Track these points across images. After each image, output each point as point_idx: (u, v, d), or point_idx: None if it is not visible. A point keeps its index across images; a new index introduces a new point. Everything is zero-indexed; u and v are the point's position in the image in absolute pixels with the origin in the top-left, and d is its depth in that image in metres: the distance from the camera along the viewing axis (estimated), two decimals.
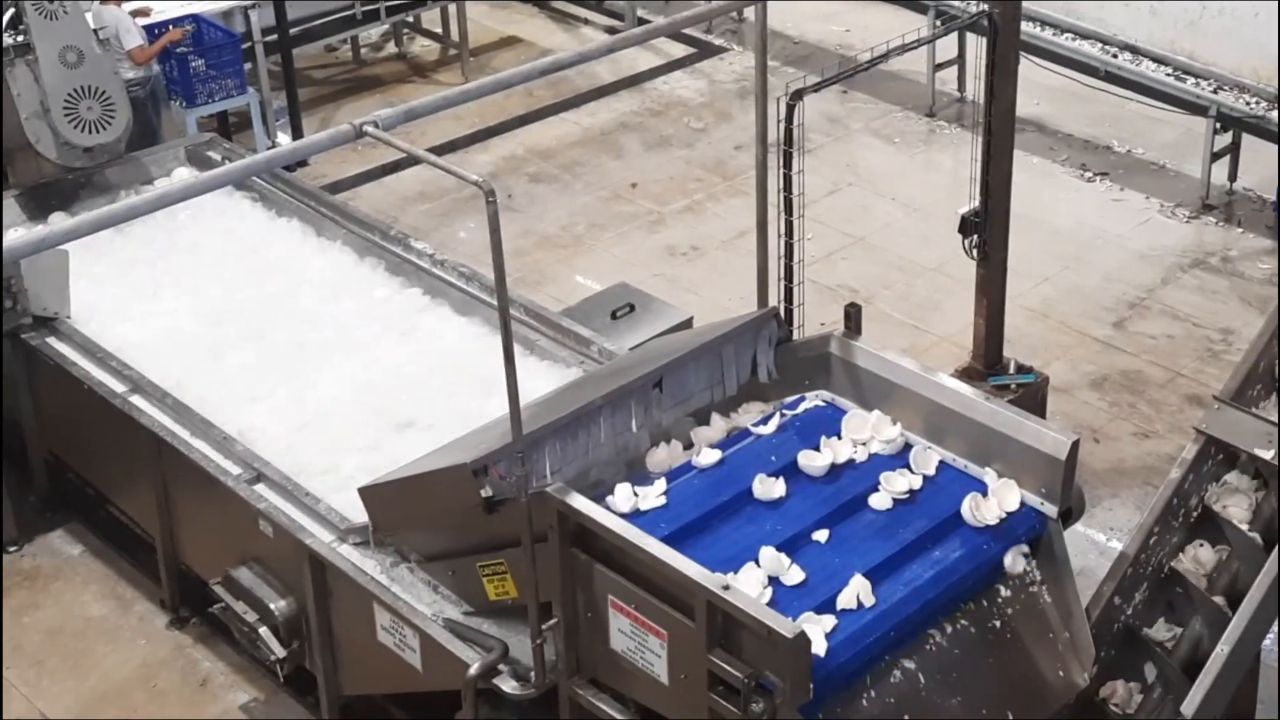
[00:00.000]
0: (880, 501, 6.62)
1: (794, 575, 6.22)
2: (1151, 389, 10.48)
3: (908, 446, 6.88)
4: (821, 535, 6.45)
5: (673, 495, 6.59)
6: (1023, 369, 9.58)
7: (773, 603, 6.04)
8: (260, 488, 7.78)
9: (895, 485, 6.65)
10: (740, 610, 5.75)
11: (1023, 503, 6.61)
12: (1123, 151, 13.18)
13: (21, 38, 9.76)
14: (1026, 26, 12.32)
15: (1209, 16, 12.66)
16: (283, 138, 13.20)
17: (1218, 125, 12.13)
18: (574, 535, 6.29)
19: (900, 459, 6.83)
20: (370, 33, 15.04)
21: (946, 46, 13.35)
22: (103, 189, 10.24)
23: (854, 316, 7.37)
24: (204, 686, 8.50)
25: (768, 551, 6.25)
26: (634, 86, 14.55)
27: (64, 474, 9.60)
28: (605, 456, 6.78)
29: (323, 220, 9.87)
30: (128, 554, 9.29)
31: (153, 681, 8.55)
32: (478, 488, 6.40)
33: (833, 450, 6.81)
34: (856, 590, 6.18)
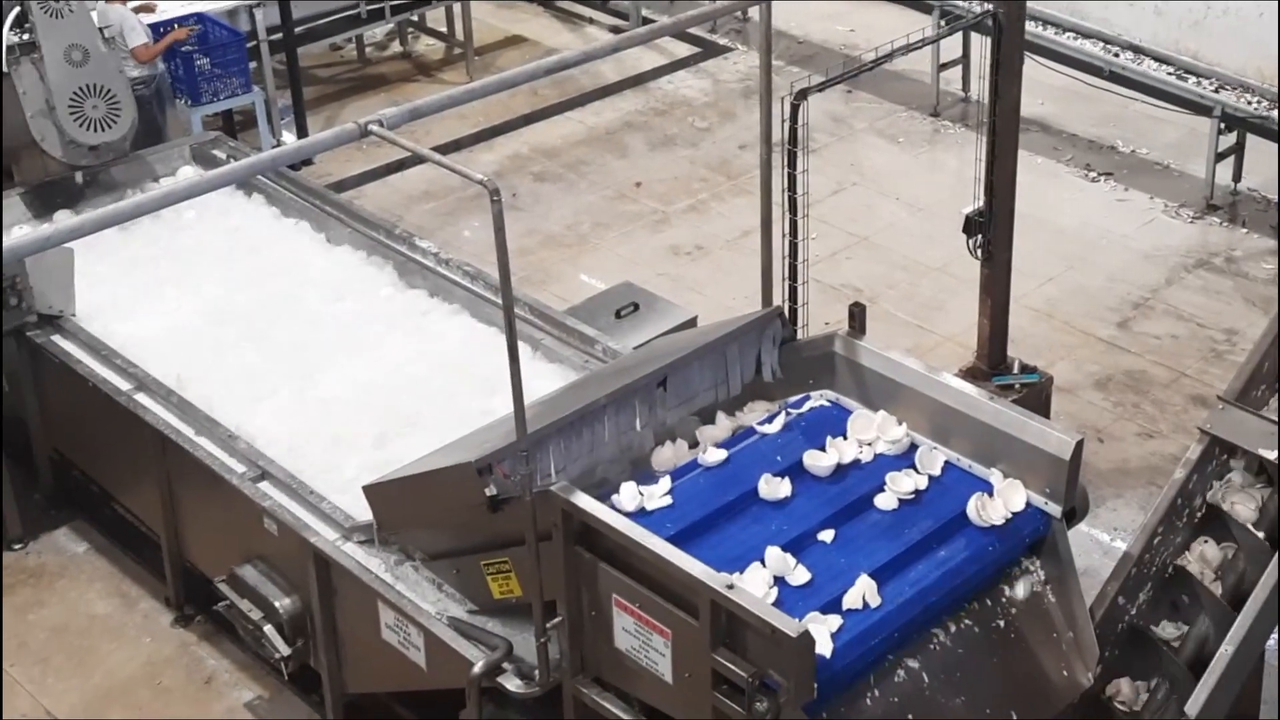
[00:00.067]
0: (886, 502, 6.61)
1: (800, 575, 6.22)
2: (1156, 389, 10.47)
3: (913, 447, 6.87)
4: (827, 535, 6.45)
5: (678, 494, 6.59)
6: (1027, 369, 9.57)
7: (778, 603, 6.03)
8: (265, 486, 7.78)
9: (901, 486, 6.65)
10: (744, 609, 5.75)
11: (1027, 503, 6.62)
12: (1127, 151, 13.17)
13: (27, 36, 9.77)
14: (1031, 26, 12.34)
15: (1213, 16, 12.66)
16: (288, 136, 13.20)
17: (1222, 125, 12.12)
18: (578, 534, 6.29)
19: (906, 459, 6.82)
20: (375, 32, 15.04)
21: (951, 46, 13.35)
22: (108, 187, 10.26)
23: (858, 316, 7.38)
24: (209, 684, 8.51)
25: (773, 552, 6.25)
26: (639, 86, 14.56)
27: (69, 472, 9.61)
28: (609, 455, 6.78)
29: (327, 219, 9.88)
30: (132, 552, 9.30)
31: (157, 679, 8.55)
32: (482, 486, 6.40)
33: (838, 450, 6.81)
34: (862, 591, 6.18)
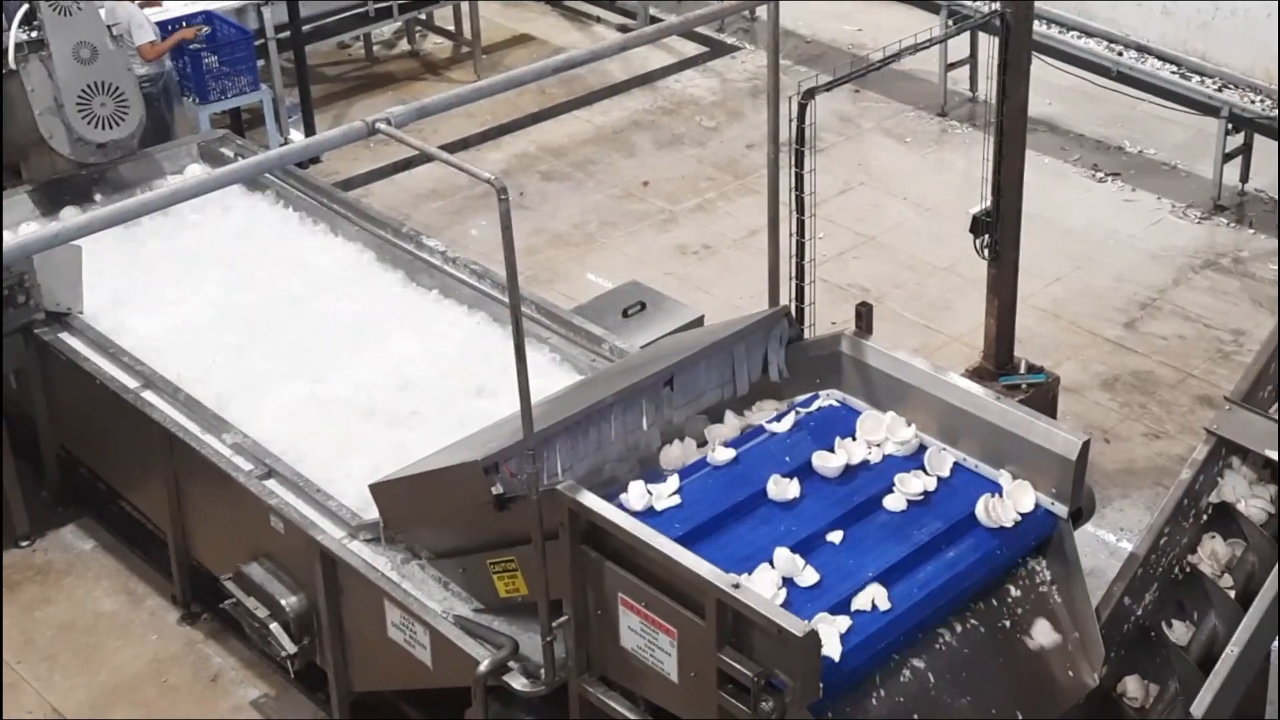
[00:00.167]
0: (895, 503, 6.60)
1: (808, 576, 6.20)
2: (1162, 390, 10.47)
3: (922, 448, 6.86)
4: (836, 536, 6.43)
5: (687, 494, 6.57)
6: (1034, 369, 9.57)
7: (787, 604, 6.02)
8: (271, 484, 7.79)
9: (910, 487, 6.63)
10: (750, 609, 5.75)
11: (1035, 504, 6.61)
12: (1134, 152, 13.16)
13: (36, 33, 9.79)
14: (1039, 26, 12.34)
15: (1221, 17, 12.65)
16: (295, 134, 13.21)
17: (1229, 126, 12.10)
18: (585, 533, 6.29)
19: (914, 461, 6.81)
20: (383, 30, 15.04)
21: (959, 46, 13.35)
22: (116, 185, 10.26)
23: (865, 316, 7.37)
24: (215, 682, 8.52)
25: (782, 553, 6.23)
26: (646, 85, 14.55)
27: (76, 469, 9.62)
28: (616, 454, 6.78)
29: (335, 217, 9.88)
30: (139, 549, 9.31)
31: (164, 677, 8.56)
32: (489, 485, 6.40)
33: (847, 451, 6.79)
34: (872, 595, 6.16)
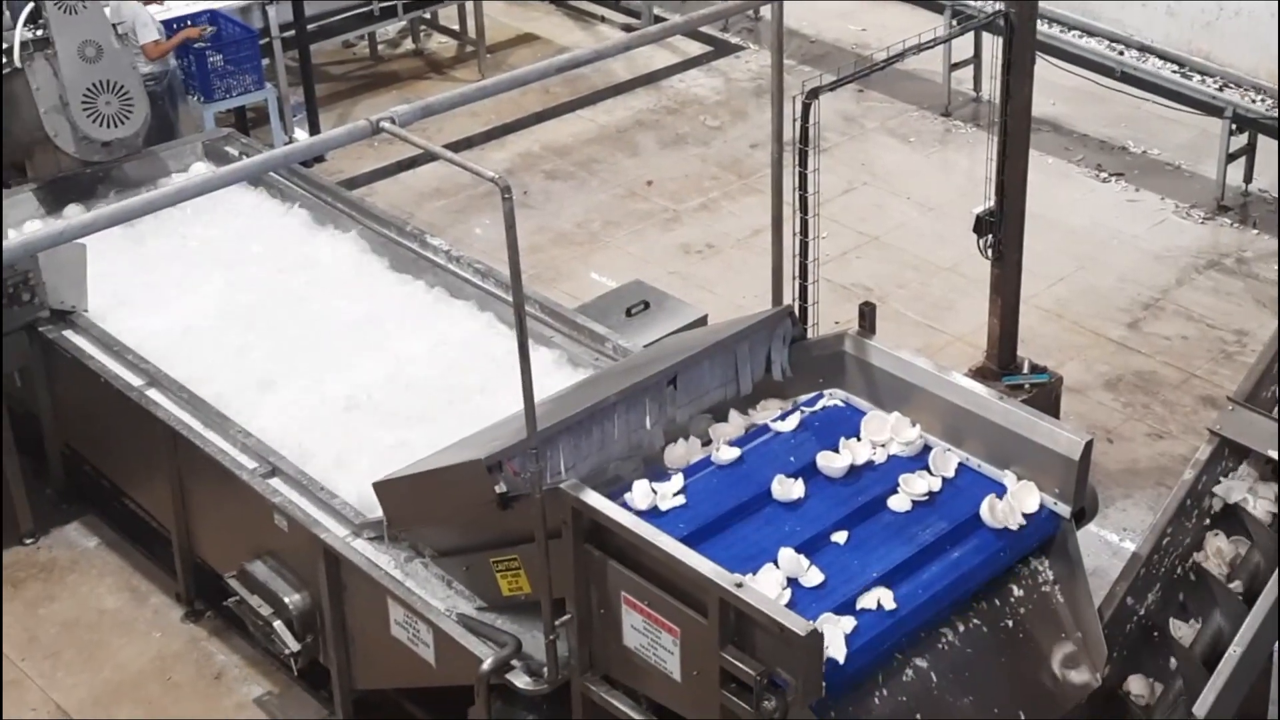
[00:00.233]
0: (899, 503, 6.60)
1: (813, 577, 6.20)
2: (1166, 390, 10.47)
3: (926, 448, 6.86)
4: (840, 537, 6.43)
5: (691, 493, 6.57)
6: (1037, 369, 9.57)
7: (792, 604, 6.02)
8: (275, 482, 7.80)
9: (914, 487, 6.63)
10: (752, 607, 5.75)
11: (1040, 504, 6.60)
12: (1138, 152, 13.16)
13: (41, 32, 9.80)
14: (1042, 26, 12.31)
15: (1226, 17, 12.65)
16: (300, 133, 13.22)
17: (1233, 126, 12.10)
18: (588, 532, 6.30)
19: (919, 461, 6.81)
20: (387, 29, 15.05)
21: (962, 46, 13.34)
22: (120, 183, 10.27)
23: (868, 315, 7.37)
24: (218, 680, 8.53)
25: (786, 553, 6.23)
26: (650, 84, 14.55)
27: (80, 467, 9.63)
28: (619, 453, 6.79)
29: (339, 216, 9.89)
30: (143, 547, 9.31)
31: (167, 674, 8.57)
32: (492, 484, 6.41)
33: (852, 452, 6.79)
34: (877, 596, 6.16)
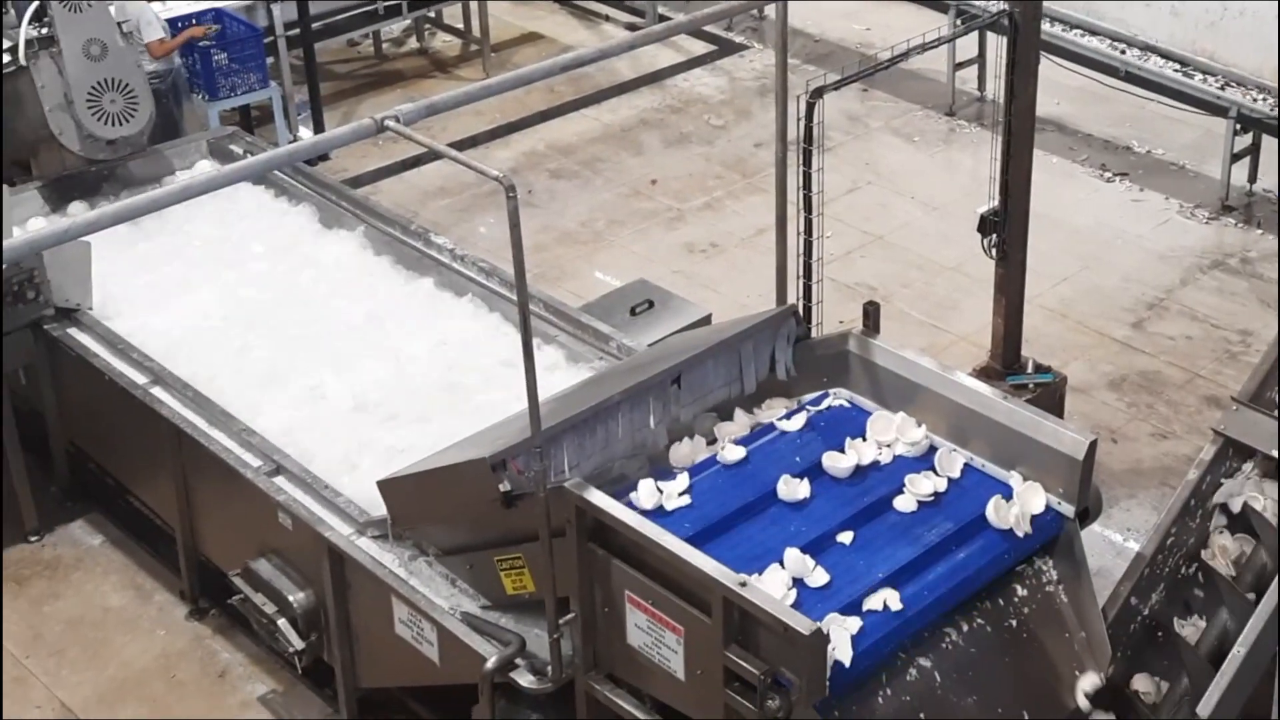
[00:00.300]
0: (905, 504, 6.60)
1: (819, 577, 6.20)
2: (1170, 390, 10.46)
3: (932, 449, 6.86)
4: (846, 537, 6.44)
5: (697, 492, 6.57)
6: (1041, 369, 9.57)
7: (798, 604, 6.02)
8: (280, 480, 7.80)
9: (920, 488, 6.63)
10: (757, 607, 5.76)
11: (1046, 505, 6.60)
12: (1143, 152, 13.16)
13: (46, 30, 9.81)
14: (1047, 26, 12.32)
15: (1230, 17, 12.65)
16: (304, 132, 13.22)
17: (1238, 126, 12.10)
18: (592, 530, 6.31)
19: (925, 461, 6.81)
20: (392, 28, 15.07)
21: (967, 45, 13.33)
22: (125, 181, 10.29)
23: (872, 315, 7.37)
24: (223, 677, 8.54)
25: (792, 553, 6.23)
26: (654, 83, 14.56)
27: (85, 464, 9.64)
28: (623, 452, 6.79)
29: (343, 214, 9.90)
30: (148, 545, 9.32)
31: (172, 672, 8.58)
32: (496, 482, 6.42)
33: (857, 452, 6.80)
34: (883, 597, 6.17)
